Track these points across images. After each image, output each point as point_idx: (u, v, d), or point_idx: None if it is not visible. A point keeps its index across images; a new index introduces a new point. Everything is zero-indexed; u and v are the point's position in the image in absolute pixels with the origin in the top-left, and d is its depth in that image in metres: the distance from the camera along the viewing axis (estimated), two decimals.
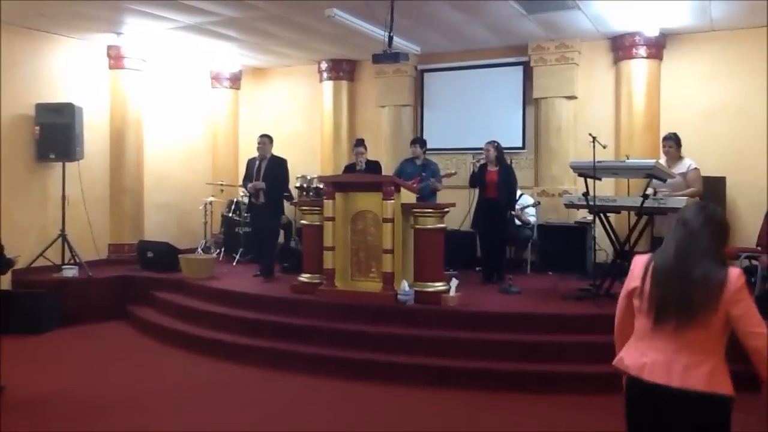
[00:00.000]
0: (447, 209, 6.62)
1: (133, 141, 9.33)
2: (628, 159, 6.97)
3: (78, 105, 8.24)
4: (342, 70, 10.34)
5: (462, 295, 6.34)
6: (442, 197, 7.95)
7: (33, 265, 7.85)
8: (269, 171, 7.94)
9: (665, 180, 6.38)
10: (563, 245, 8.27)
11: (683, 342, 2.37)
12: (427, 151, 8.22)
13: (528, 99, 9.16)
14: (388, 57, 7.05)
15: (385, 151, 9.71)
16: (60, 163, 8.21)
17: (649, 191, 6.34)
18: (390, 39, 6.99)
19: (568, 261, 8.13)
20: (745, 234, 7.41)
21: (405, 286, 6.30)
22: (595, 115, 8.71)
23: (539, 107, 9.00)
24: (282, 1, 7.12)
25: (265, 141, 8.07)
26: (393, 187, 6.39)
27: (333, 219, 6.62)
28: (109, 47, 9.12)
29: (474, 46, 9.22)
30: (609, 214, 6.71)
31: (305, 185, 9.37)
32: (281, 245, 8.90)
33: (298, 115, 10.87)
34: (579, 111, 8.89)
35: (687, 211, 2.52)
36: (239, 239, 9.44)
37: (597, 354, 5.25)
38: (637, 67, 8.42)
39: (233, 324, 6.71)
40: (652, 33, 8.21)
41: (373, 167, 7.77)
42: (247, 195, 8.40)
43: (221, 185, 9.96)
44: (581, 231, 8.25)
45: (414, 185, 7.10)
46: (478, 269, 7.99)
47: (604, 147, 6.72)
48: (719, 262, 2.41)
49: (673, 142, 6.84)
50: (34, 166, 8.26)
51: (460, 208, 7.48)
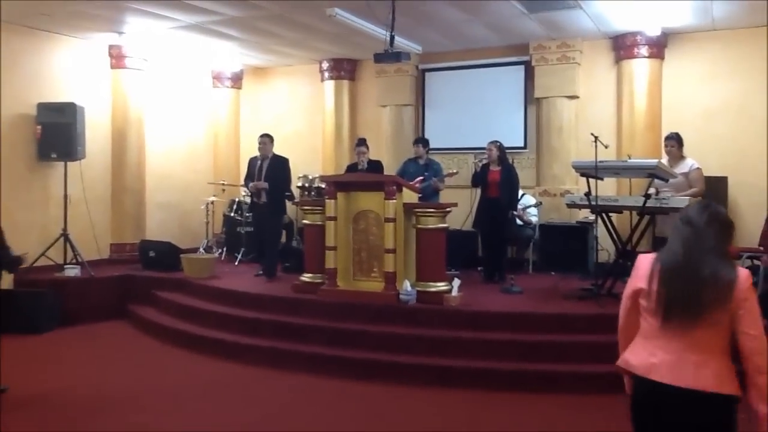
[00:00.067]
0: (449, 209, 6.61)
1: (135, 140, 9.34)
2: (630, 159, 6.96)
3: (79, 104, 8.24)
4: (343, 69, 10.34)
5: (464, 295, 6.34)
6: (444, 197, 7.95)
7: (35, 265, 7.82)
8: (271, 170, 7.91)
9: (667, 180, 6.37)
10: (565, 245, 8.27)
11: (692, 341, 2.36)
12: (430, 151, 8.22)
13: (529, 98, 9.16)
14: (389, 56, 7.05)
15: (386, 151, 9.71)
16: (62, 163, 8.21)
17: (651, 191, 6.35)
18: (392, 38, 6.99)
19: (569, 261, 8.12)
20: (747, 234, 7.39)
21: (407, 285, 6.30)
22: (597, 115, 8.72)
23: (541, 107, 8.99)
24: (283, 1, 7.12)
25: (266, 141, 8.02)
26: (395, 187, 6.38)
27: (335, 219, 6.61)
28: (111, 47, 9.13)
29: (475, 45, 9.21)
30: (611, 213, 6.70)
31: (307, 185, 9.37)
32: (283, 245, 8.89)
33: (299, 115, 10.87)
34: (580, 110, 8.89)
35: (690, 210, 2.51)
36: (241, 239, 9.44)
37: (598, 354, 5.27)
38: (639, 67, 8.42)
39: (234, 323, 6.71)
40: (653, 32, 8.21)
41: (375, 167, 7.77)
42: (249, 194, 8.39)
43: (223, 185, 9.95)
44: (583, 231, 8.25)
45: (416, 185, 7.10)
46: (479, 269, 7.98)
47: (606, 147, 6.72)
48: (727, 259, 2.40)
49: (675, 141, 6.85)
50: (35, 165, 8.27)
51: (461, 207, 7.47)
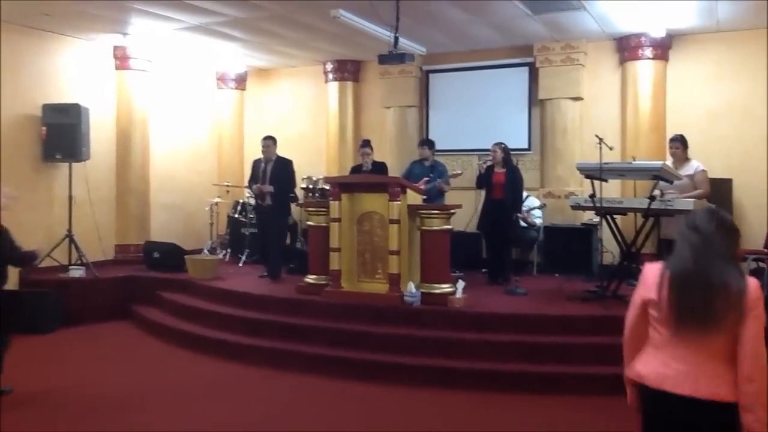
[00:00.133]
0: (453, 210, 6.60)
1: (139, 141, 9.36)
2: (634, 160, 6.95)
3: (84, 105, 8.27)
4: (347, 70, 10.35)
5: (468, 297, 6.33)
6: (448, 198, 7.93)
7: (40, 266, 7.82)
8: (276, 172, 7.88)
9: (672, 182, 6.36)
10: (569, 247, 8.25)
11: (705, 350, 2.34)
12: (435, 153, 8.22)
13: (534, 100, 9.16)
14: (394, 58, 7.05)
15: (390, 152, 9.70)
16: (66, 164, 8.24)
17: (656, 193, 6.33)
18: (396, 40, 6.99)
19: (574, 263, 8.10)
20: (752, 236, 7.38)
21: (411, 287, 6.29)
22: (601, 117, 8.70)
23: (545, 108, 8.98)
24: (287, 2, 7.11)
25: (269, 143, 7.98)
26: (399, 188, 6.38)
27: (339, 220, 6.61)
28: (115, 48, 9.15)
29: (479, 46, 9.21)
30: (615, 215, 6.69)
31: (311, 186, 9.37)
32: (287, 246, 8.89)
33: (303, 116, 10.88)
34: (585, 112, 8.87)
35: (697, 218, 2.48)
36: (245, 240, 9.44)
37: (602, 355, 5.30)
38: (643, 68, 8.40)
39: (238, 324, 6.71)
40: (658, 34, 8.19)
41: (380, 168, 7.77)
42: (254, 196, 8.38)
43: (227, 186, 9.96)
44: (587, 232, 8.23)
45: (421, 186, 7.09)
46: (483, 271, 7.98)
47: (610, 148, 6.71)
48: (735, 266, 2.39)
49: (680, 143, 6.84)
50: (40, 166, 8.28)
51: (466, 209, 7.48)
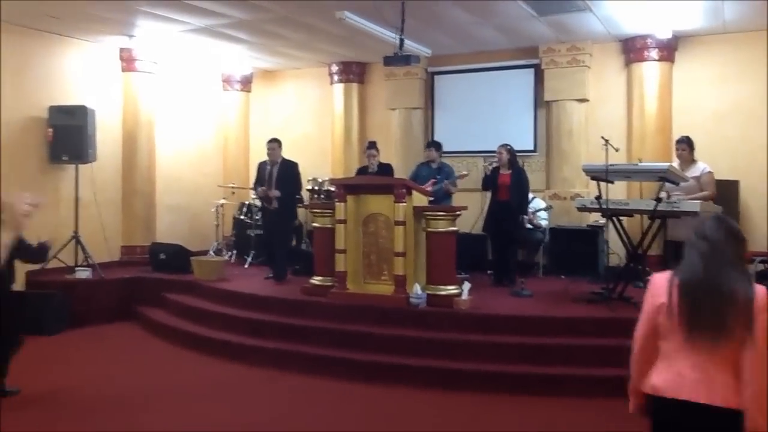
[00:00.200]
0: (459, 212, 6.60)
1: (145, 143, 9.38)
2: (640, 162, 6.93)
3: (90, 107, 8.29)
4: (352, 72, 10.36)
5: (473, 298, 6.32)
6: (454, 200, 7.92)
7: (46, 267, 7.86)
8: (282, 175, 7.87)
9: (678, 183, 6.35)
10: (575, 248, 8.24)
11: (718, 358, 2.34)
12: (442, 155, 8.21)
13: (539, 102, 9.15)
14: (399, 59, 7.06)
15: (395, 154, 9.70)
16: (73, 165, 8.26)
17: (662, 195, 6.31)
18: (401, 41, 7.00)
19: (579, 264, 8.08)
20: (759, 238, 7.36)
21: (417, 289, 6.28)
22: (607, 118, 8.69)
23: (550, 110, 8.97)
24: (292, 1, 7.10)
25: (275, 146, 7.97)
26: (404, 190, 6.38)
27: (344, 222, 6.61)
28: (122, 50, 9.18)
29: (485, 48, 9.21)
30: (621, 217, 6.68)
31: (316, 188, 9.38)
32: (292, 248, 8.89)
33: (308, 118, 10.89)
34: (590, 114, 8.86)
35: (706, 226, 2.49)
36: (250, 242, 9.45)
37: (607, 357, 5.28)
38: (649, 70, 8.40)
39: (243, 325, 6.72)
40: (664, 35, 8.18)
41: (386, 170, 7.77)
42: (259, 199, 8.38)
43: (232, 188, 9.97)
44: (593, 234, 8.22)
45: (428, 187, 7.09)
46: (489, 272, 7.97)
47: (616, 150, 6.70)
48: (744, 274, 2.40)
49: (686, 145, 6.81)
50: (47, 167, 8.31)
51: (471, 211, 7.46)
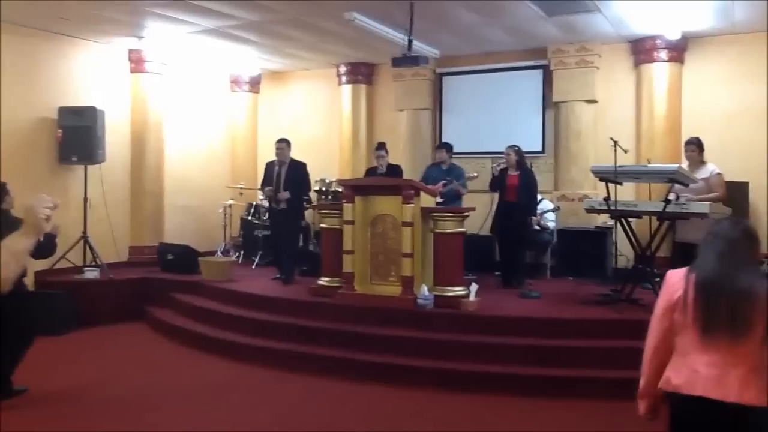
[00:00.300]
0: (467, 213, 6.59)
1: (154, 144, 9.41)
2: (649, 163, 6.90)
3: (100, 108, 8.32)
4: (360, 73, 10.36)
5: (481, 300, 6.31)
6: (462, 201, 7.90)
7: (55, 267, 7.91)
8: (290, 175, 7.84)
9: (687, 185, 6.31)
10: (583, 250, 8.20)
11: (734, 355, 2.34)
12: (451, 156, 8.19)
13: (548, 102, 9.12)
14: (408, 60, 7.07)
15: (403, 155, 9.67)
16: (82, 166, 8.30)
17: (671, 196, 6.28)
18: (409, 42, 6.99)
19: (588, 266, 8.05)
20: None
21: (425, 290, 6.28)
22: (616, 119, 8.65)
23: (559, 111, 8.94)
24: (301, 4, 7.12)
25: (284, 146, 7.96)
26: (412, 191, 6.37)
27: (352, 222, 6.61)
28: (131, 51, 9.21)
29: (493, 49, 9.19)
30: (630, 219, 6.64)
31: (324, 188, 9.39)
32: (300, 248, 8.89)
33: (316, 119, 10.89)
34: (599, 115, 8.83)
35: (722, 225, 2.53)
36: (258, 242, 9.46)
37: (616, 359, 5.25)
38: (658, 71, 8.35)
39: (250, 326, 6.73)
40: (673, 36, 8.14)
41: (395, 171, 7.76)
42: (267, 199, 8.39)
43: (240, 188, 9.98)
44: (601, 236, 8.18)
45: (439, 189, 7.08)
46: (497, 274, 7.95)
47: (625, 151, 6.67)
48: (759, 272, 2.42)
49: (696, 146, 6.78)
50: (56, 168, 8.35)
51: (479, 212, 7.44)
